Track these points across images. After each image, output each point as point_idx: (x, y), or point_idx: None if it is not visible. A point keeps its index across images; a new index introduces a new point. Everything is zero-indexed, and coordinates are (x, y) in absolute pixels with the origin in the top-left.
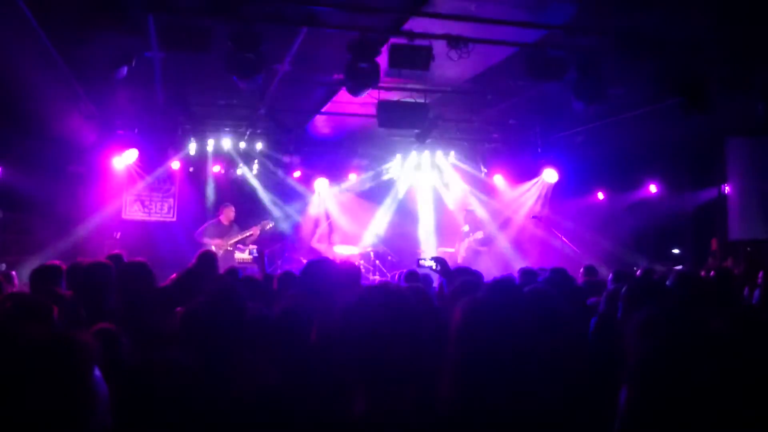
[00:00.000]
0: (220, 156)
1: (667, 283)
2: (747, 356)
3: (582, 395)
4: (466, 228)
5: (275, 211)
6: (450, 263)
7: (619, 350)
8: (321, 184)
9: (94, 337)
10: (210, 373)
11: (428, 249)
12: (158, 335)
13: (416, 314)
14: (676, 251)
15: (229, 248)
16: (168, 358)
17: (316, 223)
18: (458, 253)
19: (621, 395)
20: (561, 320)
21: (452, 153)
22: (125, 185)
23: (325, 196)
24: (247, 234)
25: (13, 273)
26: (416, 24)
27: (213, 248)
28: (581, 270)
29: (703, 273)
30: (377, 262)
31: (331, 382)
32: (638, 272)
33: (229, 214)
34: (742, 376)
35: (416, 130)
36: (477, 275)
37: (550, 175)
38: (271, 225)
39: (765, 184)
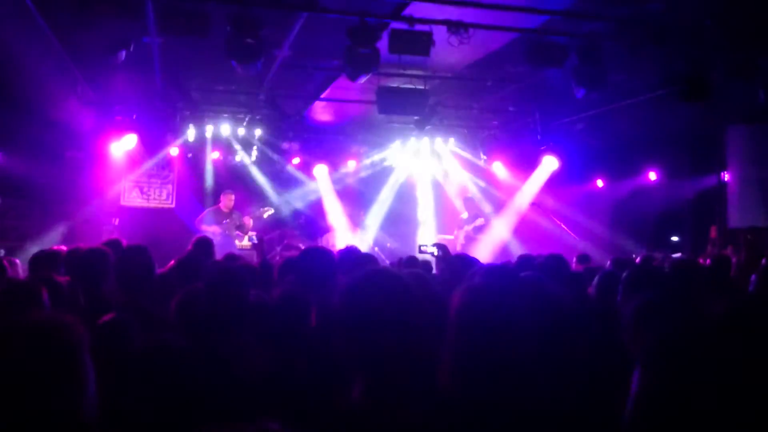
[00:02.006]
0: (219, 142)
1: (666, 269)
2: (757, 340)
3: (580, 380)
4: (465, 215)
5: (274, 198)
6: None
7: (618, 335)
8: (321, 170)
9: (81, 321)
10: (208, 358)
11: (427, 236)
12: (156, 321)
13: (416, 300)
14: (675, 238)
15: (227, 234)
16: (166, 343)
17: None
18: (457, 240)
19: (633, 378)
20: (559, 306)
21: (452, 140)
22: (124, 171)
23: (323, 183)
24: (243, 221)
25: (17, 260)
26: (416, 9)
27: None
28: (574, 258)
29: (701, 260)
30: (376, 248)
31: (330, 367)
32: (637, 259)
33: (228, 201)
34: (756, 359)
35: (416, 117)
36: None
37: (550, 163)
38: (270, 212)
39: (765, 171)
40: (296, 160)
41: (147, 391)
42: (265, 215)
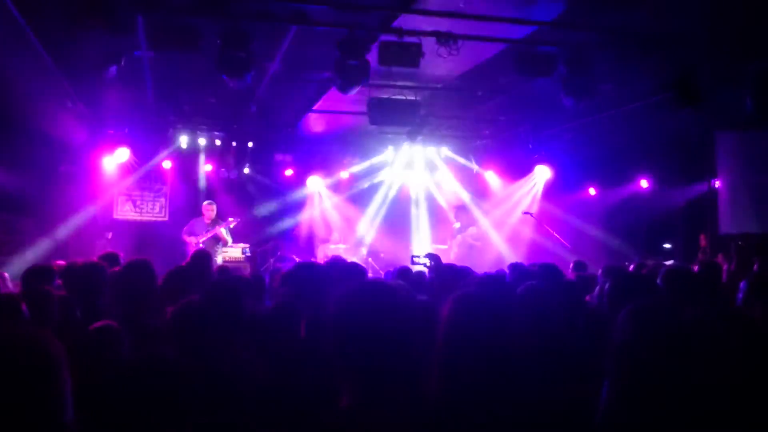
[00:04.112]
0: (211, 155)
1: (653, 277)
2: (724, 349)
3: (569, 389)
4: (457, 225)
5: (267, 210)
6: (443, 260)
7: (605, 345)
8: (314, 181)
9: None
10: (200, 370)
11: (421, 246)
12: (151, 333)
13: (405, 310)
14: (667, 246)
15: (201, 245)
16: (161, 354)
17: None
18: (451, 250)
19: (603, 389)
20: (552, 316)
21: (444, 150)
22: (116, 185)
23: (317, 194)
24: (214, 232)
25: (5, 274)
26: (405, 21)
27: (190, 246)
28: (570, 265)
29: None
30: (370, 259)
31: (320, 377)
32: (630, 267)
33: (209, 211)
34: (719, 367)
35: (407, 127)
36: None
37: (542, 172)
38: (234, 223)
39: (754, 178)
40: (289, 172)
41: (137, 401)
42: (232, 225)
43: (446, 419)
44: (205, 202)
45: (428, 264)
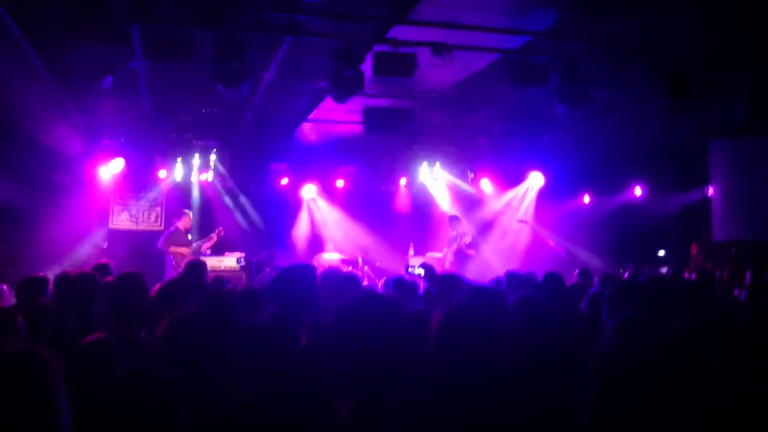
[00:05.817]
0: (206, 164)
1: (645, 285)
2: (702, 358)
3: (564, 398)
4: (453, 233)
5: (261, 219)
6: (438, 268)
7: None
8: (309, 190)
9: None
10: (194, 384)
11: (417, 254)
12: (145, 345)
13: (403, 321)
14: (661, 253)
15: (185, 255)
16: (155, 367)
17: (314, 236)
18: (446, 258)
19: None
20: (546, 325)
21: (438, 158)
22: (112, 194)
23: (313, 203)
24: (207, 241)
25: (4, 286)
26: (400, 32)
27: (180, 256)
28: (576, 272)
29: (686, 275)
30: (366, 268)
31: (317, 389)
32: (625, 275)
33: (186, 221)
34: (696, 378)
35: (402, 136)
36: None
37: (536, 179)
38: (221, 231)
39: (748, 185)
40: (284, 181)
41: (129, 416)
42: (220, 234)
43: (441, 428)
44: (185, 212)
45: (422, 274)
